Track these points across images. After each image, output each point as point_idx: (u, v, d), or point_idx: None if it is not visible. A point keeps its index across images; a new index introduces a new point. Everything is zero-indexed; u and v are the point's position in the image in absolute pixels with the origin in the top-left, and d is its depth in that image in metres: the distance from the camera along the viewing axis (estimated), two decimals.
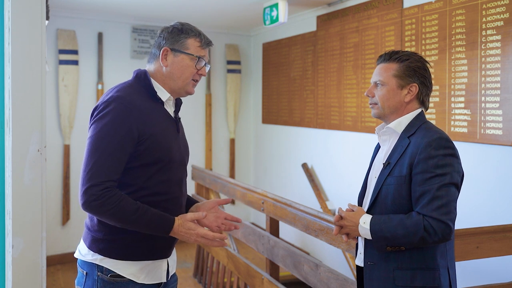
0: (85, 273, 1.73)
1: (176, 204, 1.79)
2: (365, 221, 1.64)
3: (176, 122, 1.83)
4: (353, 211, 1.73)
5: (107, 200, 1.58)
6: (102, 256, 1.69)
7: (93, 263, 1.71)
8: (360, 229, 1.64)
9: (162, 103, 1.78)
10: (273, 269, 3.09)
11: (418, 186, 1.59)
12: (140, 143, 1.66)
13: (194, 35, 1.79)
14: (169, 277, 1.84)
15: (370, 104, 1.79)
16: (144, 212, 1.63)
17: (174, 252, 1.89)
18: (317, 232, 2.56)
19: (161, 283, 1.80)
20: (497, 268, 2.87)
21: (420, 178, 1.58)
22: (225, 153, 6.06)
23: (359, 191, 1.87)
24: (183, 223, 1.69)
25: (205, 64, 1.81)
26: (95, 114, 1.68)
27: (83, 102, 5.08)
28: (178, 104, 1.89)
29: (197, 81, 1.82)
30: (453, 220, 1.58)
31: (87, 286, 1.71)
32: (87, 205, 1.59)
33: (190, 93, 1.83)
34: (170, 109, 1.82)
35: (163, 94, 1.78)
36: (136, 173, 1.68)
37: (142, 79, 1.77)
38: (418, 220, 1.55)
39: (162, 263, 1.79)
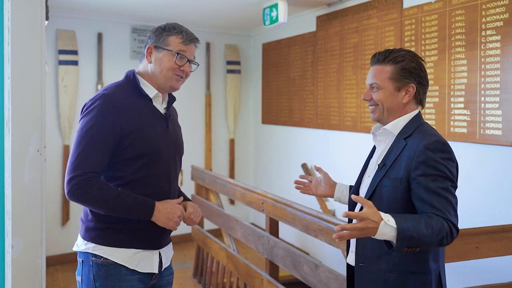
0: (81, 261, 1.82)
1: (165, 199, 1.85)
2: (388, 219, 1.44)
3: (166, 118, 1.89)
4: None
5: (89, 188, 1.68)
6: (94, 244, 1.78)
7: (87, 252, 1.79)
8: (382, 227, 1.42)
9: (150, 100, 1.85)
10: (273, 269, 3.09)
11: (422, 188, 1.55)
12: (125, 138, 1.74)
13: (176, 32, 1.85)
14: (162, 269, 1.90)
15: (371, 106, 1.75)
16: (126, 197, 1.72)
17: (170, 246, 1.96)
18: (316, 233, 2.56)
19: (154, 274, 1.86)
20: (497, 268, 2.87)
21: (424, 180, 1.55)
22: (225, 153, 6.06)
23: (352, 189, 1.86)
24: (167, 202, 1.81)
25: (188, 61, 1.86)
26: (83, 110, 1.79)
27: (82, 103, 5.04)
28: (170, 101, 1.95)
29: (181, 77, 1.87)
30: (457, 223, 1.57)
31: (84, 273, 1.80)
32: (72, 193, 1.70)
33: (175, 89, 1.89)
34: (159, 106, 1.88)
35: (150, 91, 1.85)
36: (123, 167, 1.77)
37: (131, 79, 1.86)
38: (443, 222, 1.50)
39: (153, 254, 1.85)
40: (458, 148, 3.18)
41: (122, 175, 1.77)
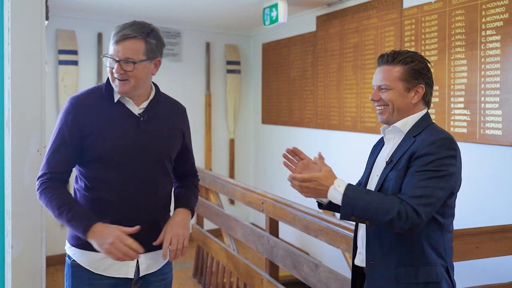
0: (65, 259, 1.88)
1: (134, 205, 1.76)
2: (339, 184, 1.58)
3: (138, 119, 1.78)
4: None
5: (43, 191, 1.69)
6: (69, 245, 1.82)
7: (65, 251, 1.85)
8: (331, 191, 1.58)
9: (120, 102, 1.78)
10: (273, 269, 3.09)
11: (408, 176, 1.59)
12: (85, 138, 1.73)
13: (113, 34, 1.79)
14: (143, 275, 1.80)
15: (379, 107, 1.74)
16: (68, 210, 1.66)
17: (157, 253, 1.83)
18: (316, 232, 2.56)
19: (132, 279, 1.78)
20: (497, 268, 2.87)
21: (413, 170, 1.58)
22: (225, 153, 6.06)
23: None
24: (110, 226, 1.67)
25: (118, 61, 1.71)
26: None
27: None
28: (153, 102, 1.84)
29: (124, 80, 1.73)
30: (427, 214, 1.54)
31: (65, 270, 1.87)
32: (36, 192, 1.72)
33: (121, 92, 1.75)
34: (133, 107, 1.79)
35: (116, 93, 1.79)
36: (86, 169, 1.76)
37: (107, 80, 1.81)
38: (395, 202, 1.53)
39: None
40: None
41: (86, 177, 1.76)
